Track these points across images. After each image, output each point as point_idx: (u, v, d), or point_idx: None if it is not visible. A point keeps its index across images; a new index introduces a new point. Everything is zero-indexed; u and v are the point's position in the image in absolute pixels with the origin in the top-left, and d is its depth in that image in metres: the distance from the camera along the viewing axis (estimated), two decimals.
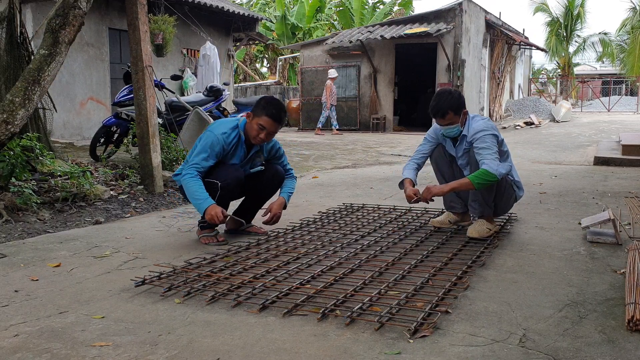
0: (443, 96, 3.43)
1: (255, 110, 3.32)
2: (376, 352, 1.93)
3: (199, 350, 1.95)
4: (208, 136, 3.34)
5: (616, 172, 6.63)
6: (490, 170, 3.24)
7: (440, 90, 3.56)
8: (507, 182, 3.50)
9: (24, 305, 2.39)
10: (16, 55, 5.18)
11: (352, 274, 2.77)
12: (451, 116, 3.39)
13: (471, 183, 3.28)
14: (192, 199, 3.25)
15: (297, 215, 4.25)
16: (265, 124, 3.31)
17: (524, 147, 10.05)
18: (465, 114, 3.46)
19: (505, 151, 3.53)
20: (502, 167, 3.28)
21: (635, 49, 20.58)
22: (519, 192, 3.62)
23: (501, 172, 3.27)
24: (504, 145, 3.53)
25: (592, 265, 2.92)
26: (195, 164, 3.28)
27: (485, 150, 3.31)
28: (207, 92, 9.49)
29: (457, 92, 3.51)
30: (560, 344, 1.98)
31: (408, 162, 3.73)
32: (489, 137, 3.33)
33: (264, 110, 3.30)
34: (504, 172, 3.29)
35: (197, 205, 3.23)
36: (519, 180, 3.62)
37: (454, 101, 3.39)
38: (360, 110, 15.91)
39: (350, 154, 9.34)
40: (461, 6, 14.41)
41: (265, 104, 3.32)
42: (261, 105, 3.32)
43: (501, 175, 3.28)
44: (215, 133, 3.33)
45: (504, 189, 3.49)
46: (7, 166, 4.19)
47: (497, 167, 3.26)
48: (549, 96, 25.85)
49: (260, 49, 26.09)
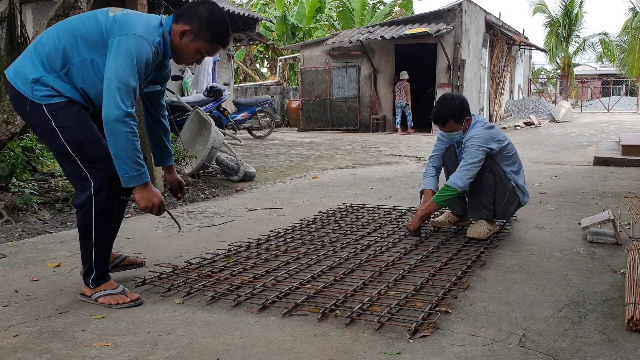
0: (445, 104, 3.40)
1: (198, 28, 2.39)
2: (376, 352, 1.93)
3: (199, 350, 1.96)
4: (136, 46, 2.26)
5: (616, 172, 6.63)
6: (449, 184, 3.30)
7: (443, 96, 3.51)
8: (508, 188, 3.45)
9: (24, 305, 2.39)
10: (16, 55, 5.18)
11: (352, 274, 2.77)
12: (452, 124, 3.38)
13: (434, 204, 3.35)
14: (128, 157, 2.25)
15: (297, 215, 4.25)
16: (212, 51, 2.48)
17: (523, 148, 10.06)
18: (468, 122, 3.42)
19: (510, 156, 3.46)
20: (459, 180, 3.27)
21: (635, 49, 20.61)
22: (524, 197, 3.54)
23: (459, 185, 3.27)
24: (509, 149, 3.45)
25: (592, 266, 2.92)
26: (132, 87, 2.25)
27: (462, 161, 3.33)
28: (207, 92, 9.52)
29: (460, 98, 3.46)
30: (560, 344, 1.98)
31: (427, 167, 3.72)
32: (473, 148, 3.31)
33: (215, 36, 2.43)
34: (462, 185, 3.27)
35: (132, 174, 2.28)
36: (524, 186, 3.52)
37: (455, 109, 3.36)
38: (360, 110, 15.91)
39: (350, 154, 9.34)
40: (461, 6, 14.42)
41: (216, 25, 2.42)
42: (210, 26, 2.40)
43: (460, 188, 3.28)
44: (145, 44, 2.29)
45: (504, 194, 3.43)
46: (8, 166, 4.19)
47: (455, 180, 3.28)
48: (548, 96, 25.85)
49: (261, 49, 26.09)
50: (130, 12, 2.39)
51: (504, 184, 3.43)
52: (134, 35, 2.26)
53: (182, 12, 2.45)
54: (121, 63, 2.22)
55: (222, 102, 9.58)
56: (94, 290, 2.39)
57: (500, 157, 3.42)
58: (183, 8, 2.46)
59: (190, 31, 2.40)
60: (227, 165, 5.97)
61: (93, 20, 2.32)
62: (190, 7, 2.44)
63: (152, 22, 2.37)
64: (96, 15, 2.35)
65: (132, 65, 2.24)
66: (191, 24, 2.40)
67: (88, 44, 2.30)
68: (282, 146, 10.11)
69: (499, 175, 3.41)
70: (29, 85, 2.29)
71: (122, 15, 2.34)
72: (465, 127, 3.42)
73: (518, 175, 3.50)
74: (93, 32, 2.30)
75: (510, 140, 3.55)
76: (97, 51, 2.30)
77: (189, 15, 2.41)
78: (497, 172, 3.40)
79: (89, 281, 2.39)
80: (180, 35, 2.40)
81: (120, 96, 2.21)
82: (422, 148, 10.27)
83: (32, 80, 2.28)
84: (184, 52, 2.45)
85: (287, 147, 9.92)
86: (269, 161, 7.79)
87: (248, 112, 11.16)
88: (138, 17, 2.36)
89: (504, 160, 3.44)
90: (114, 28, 2.28)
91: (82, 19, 2.37)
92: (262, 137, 11.86)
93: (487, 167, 3.37)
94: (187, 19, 2.41)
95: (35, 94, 2.28)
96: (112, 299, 2.37)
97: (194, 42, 2.42)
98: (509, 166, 3.46)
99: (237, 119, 10.89)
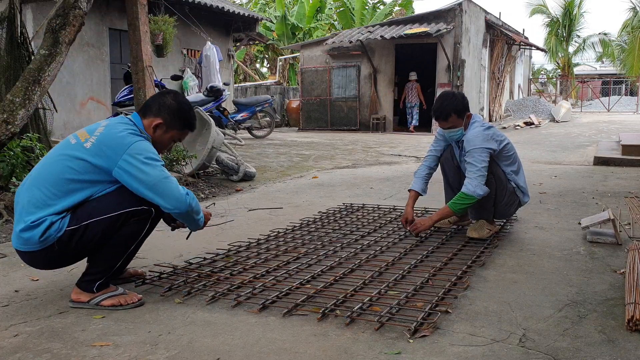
0: (446, 98, 3.39)
1: (170, 119, 2.48)
2: (376, 352, 1.93)
3: (199, 350, 1.96)
4: (143, 148, 2.36)
5: (616, 172, 6.63)
6: (468, 192, 3.24)
7: (443, 92, 3.51)
8: (508, 189, 3.44)
9: (24, 305, 2.40)
10: (16, 55, 5.18)
11: (352, 273, 2.77)
12: (454, 119, 3.35)
13: (451, 210, 3.31)
14: (200, 218, 2.53)
15: (297, 215, 4.25)
16: (183, 136, 2.63)
17: (523, 147, 10.05)
18: (469, 117, 3.41)
19: (509, 155, 3.45)
20: (479, 188, 3.23)
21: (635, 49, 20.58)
22: (524, 197, 3.53)
23: (479, 194, 3.24)
24: (509, 149, 3.44)
25: (592, 265, 2.92)
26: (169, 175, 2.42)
27: (470, 166, 3.29)
28: (207, 92, 9.53)
29: (461, 94, 3.46)
30: (560, 344, 1.98)
31: (420, 166, 3.70)
32: (477, 152, 3.27)
33: (184, 123, 2.54)
34: (482, 193, 3.24)
35: (199, 220, 2.52)
36: (524, 186, 3.51)
37: (457, 103, 3.35)
38: (360, 110, 15.90)
39: (350, 154, 9.33)
40: (461, 6, 14.41)
41: (185, 113, 2.53)
42: (180, 115, 2.51)
43: (479, 196, 3.24)
44: (146, 142, 2.41)
45: (504, 195, 3.43)
46: (8, 166, 4.19)
47: (475, 188, 3.24)
48: (548, 96, 25.85)
49: (260, 49, 26.08)
50: (102, 132, 2.35)
51: (504, 185, 3.42)
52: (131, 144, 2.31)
53: (148, 106, 2.50)
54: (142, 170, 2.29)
55: (222, 102, 9.59)
56: (94, 295, 2.37)
57: (500, 158, 3.42)
58: (147, 102, 2.54)
59: (162, 123, 2.47)
60: (227, 165, 5.97)
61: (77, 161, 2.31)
62: (156, 100, 2.52)
63: (127, 126, 2.39)
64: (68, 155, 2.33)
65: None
66: (162, 115, 2.47)
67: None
68: (282, 146, 10.11)
69: (499, 177, 3.40)
70: None
71: (97, 138, 2.33)
72: (466, 124, 3.41)
73: (518, 175, 3.49)
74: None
75: (510, 139, 3.54)
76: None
77: (158, 108, 2.48)
78: (497, 173, 3.39)
79: (93, 286, 2.37)
80: (154, 128, 2.47)
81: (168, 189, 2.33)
82: (422, 148, 10.27)
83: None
84: (159, 143, 2.52)
85: (287, 147, 9.91)
86: (269, 161, 7.79)
87: (248, 112, 11.16)
88: (114, 131, 2.35)
89: (504, 160, 3.43)
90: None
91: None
92: (262, 137, 11.86)
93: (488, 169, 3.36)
94: (156, 112, 2.48)
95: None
96: (118, 300, 2.37)
97: (167, 132, 2.51)
98: (508, 166, 3.45)
99: (237, 119, 10.89)
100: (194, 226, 2.55)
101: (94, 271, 2.37)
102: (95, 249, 2.32)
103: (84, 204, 2.29)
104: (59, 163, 2.31)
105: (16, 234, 2.27)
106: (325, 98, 16.15)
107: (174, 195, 2.32)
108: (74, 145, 2.34)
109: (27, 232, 2.23)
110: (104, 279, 2.38)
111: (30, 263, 2.37)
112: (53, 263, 2.37)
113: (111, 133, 2.34)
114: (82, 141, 2.33)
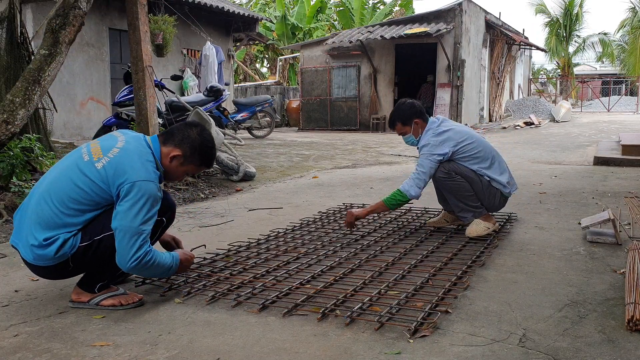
0: (395, 108, 3.63)
1: (190, 153, 2.43)
2: (376, 352, 1.93)
3: (199, 350, 1.96)
4: (147, 193, 2.25)
5: (616, 172, 6.63)
6: (402, 190, 3.43)
7: (398, 101, 3.71)
8: (483, 183, 3.47)
9: (24, 305, 2.40)
10: (16, 55, 5.18)
11: (352, 273, 2.77)
12: (400, 127, 3.58)
13: (384, 204, 3.48)
14: (163, 272, 2.41)
15: (297, 215, 4.25)
16: (197, 172, 2.64)
17: (523, 147, 10.06)
18: (417, 124, 3.54)
19: (474, 154, 3.45)
20: (412, 189, 3.40)
21: (635, 49, 20.61)
22: (504, 189, 3.52)
23: (411, 194, 3.40)
24: (472, 148, 3.44)
25: (592, 265, 2.92)
26: (147, 232, 2.27)
27: (415, 169, 3.48)
28: (207, 92, 9.51)
29: (411, 102, 3.61)
30: (560, 344, 1.98)
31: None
32: (422, 158, 3.46)
33: (203, 160, 2.49)
34: (414, 194, 3.40)
35: (167, 273, 2.43)
36: (499, 179, 3.50)
37: (401, 112, 3.57)
38: (360, 110, 15.90)
39: (350, 154, 9.33)
40: (461, 6, 14.41)
41: (208, 150, 2.49)
42: (202, 152, 2.46)
43: (411, 197, 3.41)
44: (153, 187, 2.28)
45: (482, 189, 3.47)
46: (8, 166, 4.19)
47: (409, 188, 3.41)
48: (548, 96, 25.85)
49: (260, 49, 26.08)
50: (117, 155, 2.28)
51: (477, 181, 3.47)
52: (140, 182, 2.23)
53: (171, 134, 2.43)
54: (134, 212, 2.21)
55: (222, 101, 9.57)
56: (95, 295, 2.37)
57: (462, 159, 3.46)
58: (172, 129, 2.45)
59: (181, 155, 2.41)
60: (227, 165, 5.97)
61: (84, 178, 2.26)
62: (181, 131, 2.43)
63: (143, 157, 2.30)
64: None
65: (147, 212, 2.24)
66: (182, 148, 2.41)
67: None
68: (282, 146, 10.11)
69: (467, 175, 3.45)
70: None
71: (110, 160, 2.26)
72: (417, 131, 3.55)
73: (491, 170, 3.50)
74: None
75: (478, 138, 3.54)
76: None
77: (181, 139, 2.41)
78: (463, 172, 3.44)
79: (95, 287, 2.37)
80: (170, 159, 2.40)
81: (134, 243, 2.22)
82: None
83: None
84: (172, 174, 2.47)
85: (287, 147, 9.91)
86: (269, 161, 7.79)
87: (248, 112, 11.15)
88: (128, 160, 2.26)
89: (469, 160, 3.46)
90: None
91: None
92: (262, 137, 11.86)
93: (453, 171, 3.43)
94: (178, 143, 2.41)
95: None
96: (119, 300, 2.36)
97: (183, 165, 2.45)
98: (477, 164, 3.47)
99: (237, 119, 10.88)
100: (153, 276, 2.54)
101: (99, 274, 2.37)
102: (110, 259, 2.29)
103: (93, 220, 2.28)
104: (68, 179, 2.27)
105: (28, 247, 2.24)
106: (325, 98, 16.15)
107: (125, 256, 2.20)
108: (85, 163, 2.28)
109: (40, 249, 2.21)
110: (106, 281, 2.39)
111: (43, 275, 2.36)
112: (66, 274, 2.36)
113: (124, 163, 2.25)
114: (95, 160, 2.27)
